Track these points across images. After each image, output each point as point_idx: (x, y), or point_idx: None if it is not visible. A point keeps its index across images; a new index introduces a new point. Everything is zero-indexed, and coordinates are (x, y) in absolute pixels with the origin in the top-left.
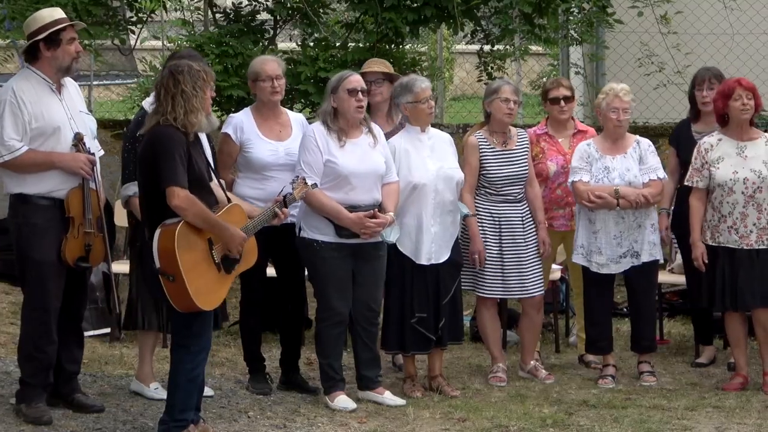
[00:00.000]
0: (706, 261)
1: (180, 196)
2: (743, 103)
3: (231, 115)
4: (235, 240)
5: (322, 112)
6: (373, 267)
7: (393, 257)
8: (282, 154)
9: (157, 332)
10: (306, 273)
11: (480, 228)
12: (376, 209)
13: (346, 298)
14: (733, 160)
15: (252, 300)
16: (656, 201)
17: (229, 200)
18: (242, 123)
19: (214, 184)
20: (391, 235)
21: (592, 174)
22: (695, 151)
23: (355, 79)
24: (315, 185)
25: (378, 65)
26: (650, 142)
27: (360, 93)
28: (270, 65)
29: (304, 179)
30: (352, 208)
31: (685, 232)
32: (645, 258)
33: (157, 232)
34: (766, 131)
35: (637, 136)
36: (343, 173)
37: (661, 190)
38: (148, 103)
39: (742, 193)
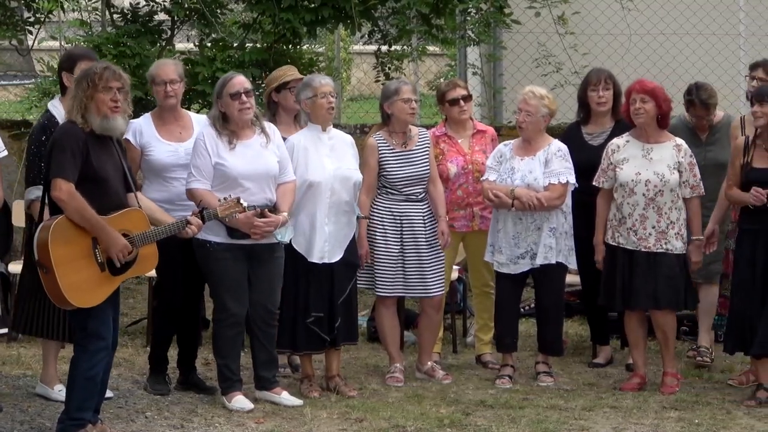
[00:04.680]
0: (599, 260)
1: (62, 189)
2: (636, 107)
3: (131, 120)
4: (114, 246)
5: (212, 116)
6: (269, 269)
7: (287, 256)
8: (182, 154)
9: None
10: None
11: (381, 227)
12: (266, 209)
13: (241, 299)
14: (638, 162)
15: (171, 303)
16: (553, 205)
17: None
18: (141, 127)
19: (131, 194)
20: (285, 236)
21: (499, 174)
22: (604, 152)
23: (238, 82)
24: (253, 208)
25: (295, 71)
26: (562, 147)
27: (244, 95)
28: (165, 69)
29: (238, 199)
30: None
31: (581, 233)
32: (540, 261)
33: (41, 225)
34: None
35: (554, 140)
36: (232, 175)
37: (559, 194)
38: (53, 104)
39: (643, 195)
